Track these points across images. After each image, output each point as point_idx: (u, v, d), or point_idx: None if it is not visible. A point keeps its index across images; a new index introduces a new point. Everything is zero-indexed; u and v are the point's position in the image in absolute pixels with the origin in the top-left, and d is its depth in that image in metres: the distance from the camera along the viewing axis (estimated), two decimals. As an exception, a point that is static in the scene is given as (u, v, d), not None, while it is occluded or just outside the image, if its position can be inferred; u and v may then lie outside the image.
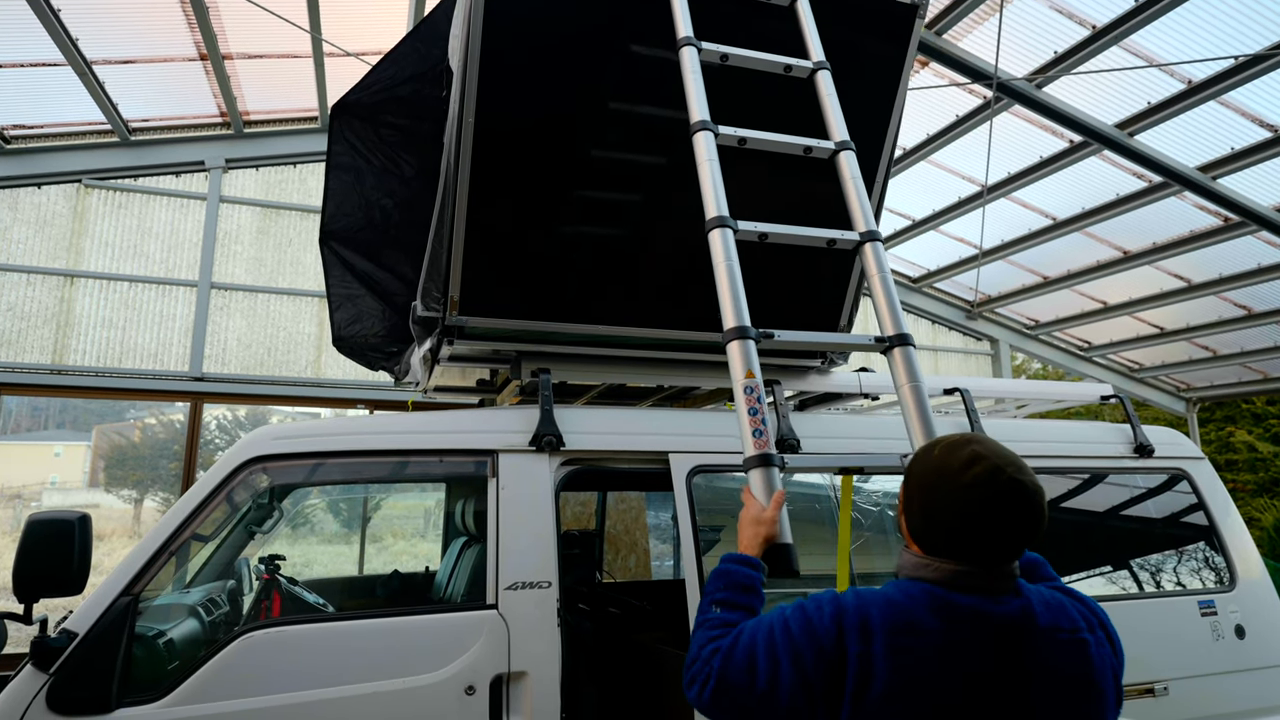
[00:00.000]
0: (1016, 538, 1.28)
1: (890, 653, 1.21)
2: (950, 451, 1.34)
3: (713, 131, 2.12)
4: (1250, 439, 15.32)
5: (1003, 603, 1.29)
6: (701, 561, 2.75)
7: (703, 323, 3.17)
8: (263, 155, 7.35)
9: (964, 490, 1.28)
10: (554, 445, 2.75)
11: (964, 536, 1.29)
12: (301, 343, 7.25)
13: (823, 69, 2.39)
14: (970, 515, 1.28)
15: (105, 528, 8.01)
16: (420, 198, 2.98)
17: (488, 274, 2.74)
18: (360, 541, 7.91)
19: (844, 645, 1.24)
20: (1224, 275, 8.42)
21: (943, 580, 1.30)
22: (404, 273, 3.37)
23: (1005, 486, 1.27)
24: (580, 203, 2.74)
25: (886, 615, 1.25)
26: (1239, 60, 5.48)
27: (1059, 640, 1.29)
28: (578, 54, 2.50)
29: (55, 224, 6.65)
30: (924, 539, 1.35)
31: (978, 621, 1.26)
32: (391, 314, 3.51)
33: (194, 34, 5.91)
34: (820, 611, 1.29)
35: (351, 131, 3.15)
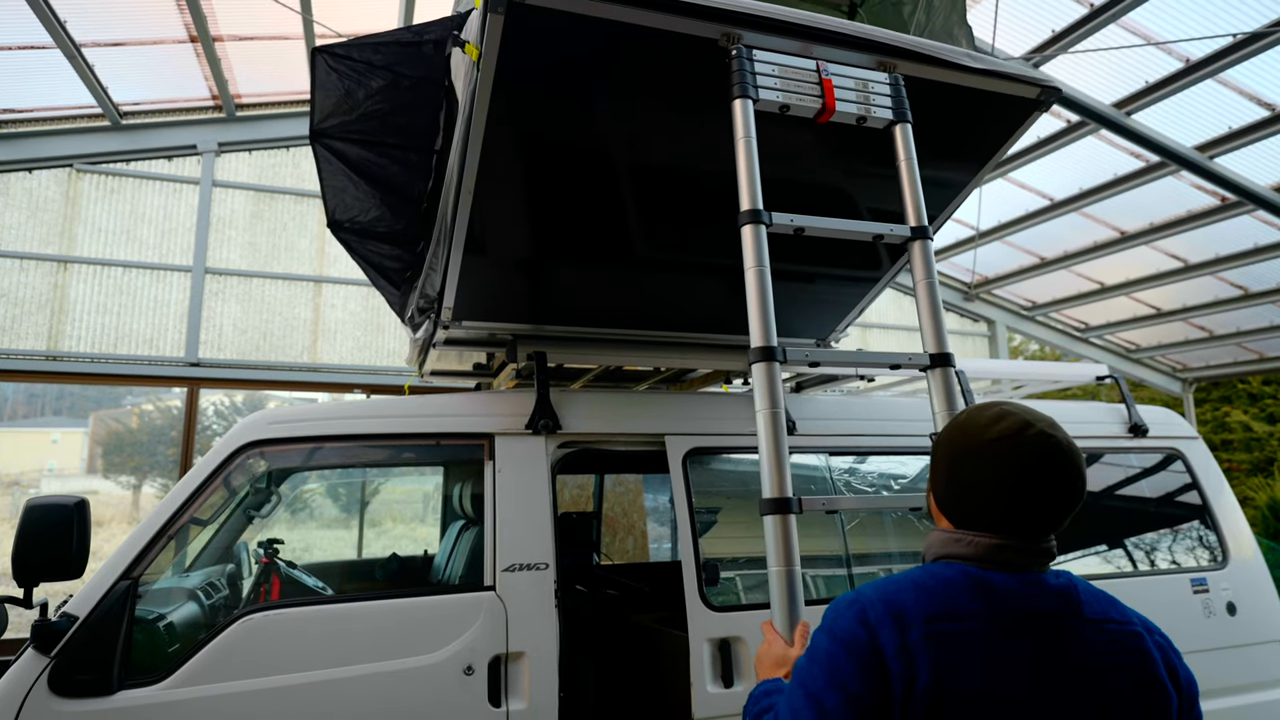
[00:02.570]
0: (1053, 501, 1.16)
1: (930, 643, 1.07)
2: (976, 411, 1.23)
3: (765, 224, 1.87)
4: (1246, 419, 15.39)
5: (1044, 584, 1.16)
6: (698, 543, 2.77)
7: (700, 323, 3.19)
8: (255, 139, 7.29)
9: (989, 447, 1.17)
10: (550, 428, 2.76)
11: (995, 501, 1.17)
12: (297, 327, 7.24)
13: (904, 122, 2.11)
14: (1000, 477, 1.16)
15: (104, 513, 8.04)
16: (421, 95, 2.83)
17: (484, 291, 2.76)
18: (359, 525, 7.95)
19: (878, 643, 1.08)
20: (1221, 255, 8.43)
21: (978, 556, 1.17)
22: (407, 159, 3.20)
23: (1034, 442, 1.16)
24: (580, 233, 2.66)
25: (921, 601, 1.11)
26: (1237, 38, 5.44)
27: (1109, 631, 1.15)
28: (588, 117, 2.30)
29: (47, 209, 6.61)
30: (953, 509, 1.23)
31: (1020, 604, 1.13)
32: (393, 206, 3.29)
33: (184, 15, 5.84)
34: (842, 618, 1.14)
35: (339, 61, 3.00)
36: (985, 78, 2.32)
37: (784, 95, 1.98)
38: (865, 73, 2.11)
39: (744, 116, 1.92)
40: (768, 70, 1.99)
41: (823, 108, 2.00)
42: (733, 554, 3.00)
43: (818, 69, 2.05)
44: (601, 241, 2.65)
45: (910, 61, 2.21)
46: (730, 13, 1.98)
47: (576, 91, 2.13)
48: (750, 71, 1.96)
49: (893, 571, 3.16)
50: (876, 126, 2.10)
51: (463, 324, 2.88)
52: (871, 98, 2.08)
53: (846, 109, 2.02)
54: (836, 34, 2.11)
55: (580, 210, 2.52)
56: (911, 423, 3.27)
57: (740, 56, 1.97)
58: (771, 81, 1.98)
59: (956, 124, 2.50)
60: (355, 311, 7.47)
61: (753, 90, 1.94)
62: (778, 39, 2.06)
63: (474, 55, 1.95)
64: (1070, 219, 8.31)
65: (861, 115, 2.05)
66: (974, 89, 2.34)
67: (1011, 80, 2.36)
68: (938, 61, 2.24)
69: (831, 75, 2.05)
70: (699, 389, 3.86)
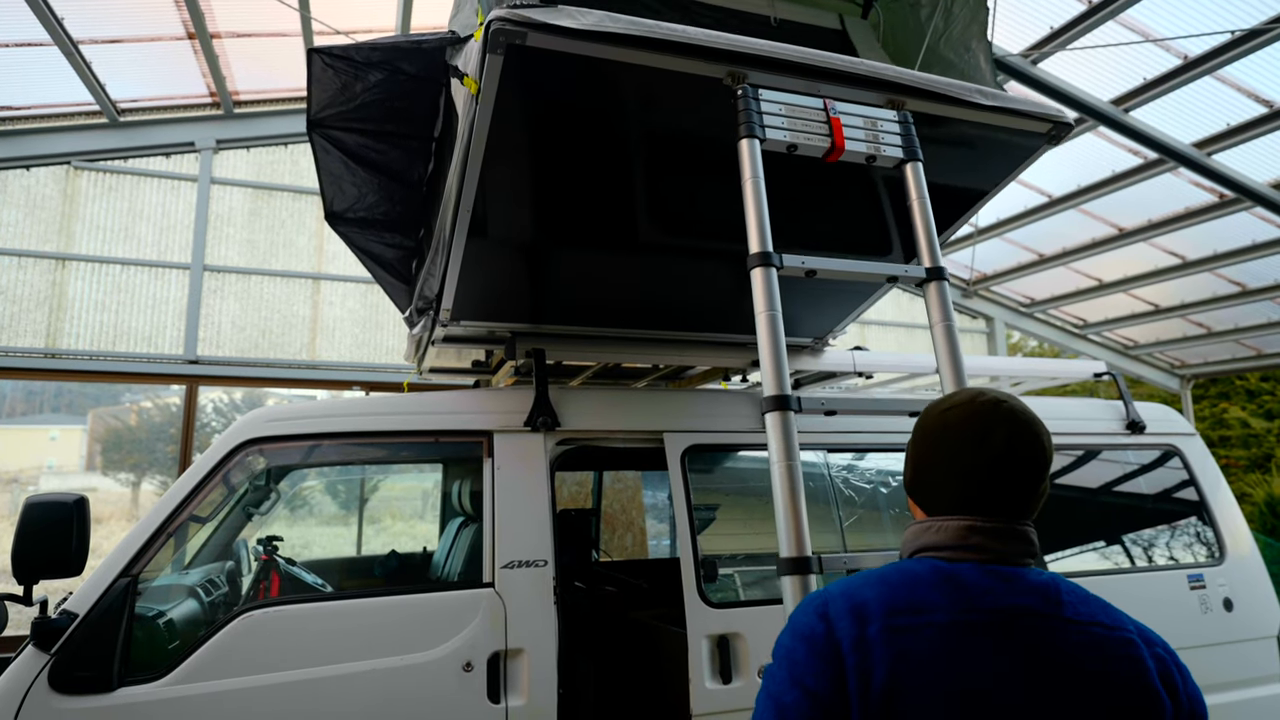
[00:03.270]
0: (1013, 469, 1.10)
1: (888, 635, 1.03)
2: (941, 399, 1.22)
3: (775, 267, 1.82)
4: (1244, 415, 15.42)
5: (1022, 579, 1.09)
6: (697, 540, 2.77)
7: (699, 321, 3.20)
8: (254, 136, 7.28)
9: (942, 419, 1.15)
10: (549, 425, 2.77)
11: (954, 475, 1.13)
12: (296, 325, 7.23)
13: (914, 160, 2.08)
14: (957, 449, 1.13)
15: (103, 510, 8.04)
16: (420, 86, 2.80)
17: (482, 292, 2.77)
18: (358, 522, 7.95)
19: (834, 636, 1.05)
20: (1219, 252, 8.44)
21: (947, 544, 1.12)
22: (407, 145, 3.17)
23: (986, 408, 1.13)
24: (579, 237, 2.65)
25: (883, 595, 1.07)
26: (1235, 35, 5.44)
27: (1095, 635, 1.06)
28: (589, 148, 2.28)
29: (45, 206, 6.60)
30: (919, 493, 1.20)
31: (992, 599, 1.06)
32: (392, 191, 3.22)
33: (181, 12, 5.83)
34: (804, 613, 1.11)
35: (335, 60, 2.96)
36: (996, 114, 2.28)
37: (791, 134, 1.94)
38: (873, 110, 2.08)
39: (751, 157, 1.88)
40: (774, 109, 1.95)
41: (831, 147, 1.96)
42: (731, 550, 3.01)
43: (825, 107, 2.02)
44: (600, 243, 2.65)
45: (919, 99, 2.18)
46: (735, 53, 1.95)
47: (577, 123, 2.11)
48: (756, 111, 1.92)
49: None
50: (886, 166, 2.06)
51: (461, 322, 2.89)
52: (881, 136, 2.04)
53: (856, 147, 1.99)
54: (843, 72, 2.07)
55: (579, 216, 2.51)
56: (909, 418, 3.27)
57: (746, 96, 1.93)
58: (779, 121, 1.94)
59: (963, 153, 2.47)
60: (354, 309, 7.47)
61: (759, 130, 1.90)
62: (784, 78, 2.02)
63: (473, 89, 1.92)
64: (1069, 216, 8.32)
65: (871, 154, 2.02)
66: (984, 122, 2.31)
67: (1023, 116, 2.33)
68: (948, 99, 2.20)
69: (839, 113, 2.02)
70: (698, 386, 3.87)
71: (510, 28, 1.76)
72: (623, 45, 1.87)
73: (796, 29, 2.67)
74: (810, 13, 2.72)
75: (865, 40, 2.76)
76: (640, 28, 1.86)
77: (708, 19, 2.52)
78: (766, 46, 1.99)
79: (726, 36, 1.95)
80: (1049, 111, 2.36)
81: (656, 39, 1.87)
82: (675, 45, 1.90)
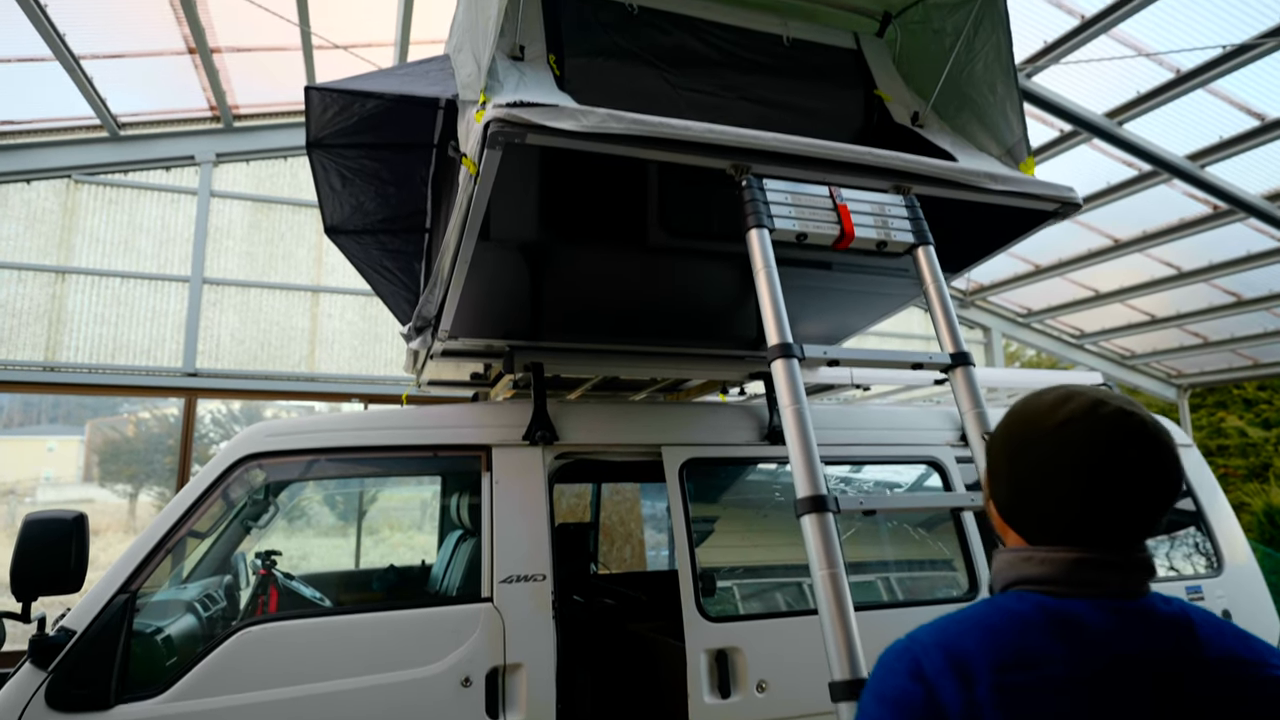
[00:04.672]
0: (1141, 493, 0.92)
1: (1001, 697, 0.85)
2: (1034, 397, 1.02)
3: (796, 358, 1.76)
4: (1241, 424, 15.44)
5: (1148, 615, 0.92)
6: (695, 553, 2.78)
7: (697, 334, 3.22)
8: (253, 149, 7.32)
9: (1056, 434, 0.95)
10: (547, 439, 2.78)
11: (1070, 500, 0.94)
12: (295, 337, 7.24)
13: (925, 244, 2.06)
14: (1074, 468, 0.93)
15: (100, 522, 8.02)
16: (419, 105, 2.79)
17: (481, 312, 2.78)
18: (356, 534, 7.94)
19: (937, 701, 0.87)
20: (1214, 263, 8.47)
21: (1056, 578, 0.94)
22: (407, 155, 3.12)
23: (1111, 421, 0.93)
24: (578, 260, 2.66)
25: (988, 646, 0.89)
26: (1226, 49, 5.49)
27: (1238, 676, 0.89)
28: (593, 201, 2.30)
29: (45, 220, 6.62)
30: (1020, 517, 1.00)
31: (1115, 643, 0.89)
32: (390, 196, 3.23)
33: (182, 27, 5.87)
34: (891, 675, 0.93)
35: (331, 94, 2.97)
36: (1005, 196, 2.27)
37: (800, 223, 1.92)
38: (880, 196, 2.07)
39: (761, 246, 1.85)
40: (780, 198, 1.94)
41: (841, 234, 1.95)
42: (730, 563, 3.01)
43: (831, 195, 2.00)
44: (599, 263, 2.67)
45: (925, 185, 2.16)
46: (737, 148, 1.94)
47: (576, 199, 2.11)
48: (763, 201, 1.91)
49: (890, 580, 3.18)
50: (897, 251, 2.04)
51: (460, 338, 2.91)
52: (890, 221, 2.03)
53: (865, 234, 1.97)
54: (846, 162, 2.06)
55: (578, 245, 2.54)
56: (908, 431, 3.29)
57: (751, 186, 1.93)
58: (786, 210, 1.93)
59: (967, 218, 2.45)
60: (353, 321, 7.49)
61: (768, 220, 1.88)
62: (788, 168, 2.01)
63: (471, 170, 1.90)
64: (1064, 226, 8.36)
65: (882, 240, 1.98)
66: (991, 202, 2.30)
67: (1031, 198, 2.32)
68: (956, 184, 2.19)
69: (846, 200, 2.00)
70: (696, 397, 3.88)
71: (509, 129, 1.73)
72: (624, 144, 1.85)
73: (810, 48, 2.66)
74: (824, 32, 2.70)
75: (880, 61, 2.74)
76: (642, 127, 1.83)
77: (721, 39, 2.53)
78: (769, 140, 1.96)
79: (729, 131, 1.92)
80: (1058, 193, 2.35)
81: (659, 138, 1.85)
82: (676, 142, 1.87)
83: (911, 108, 2.65)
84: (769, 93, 2.55)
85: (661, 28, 2.46)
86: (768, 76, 2.57)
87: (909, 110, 2.64)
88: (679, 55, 2.46)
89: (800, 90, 2.61)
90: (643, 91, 2.39)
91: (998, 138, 2.53)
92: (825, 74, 2.66)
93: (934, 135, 2.54)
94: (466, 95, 2.04)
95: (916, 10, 2.67)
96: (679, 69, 2.45)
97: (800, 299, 2.99)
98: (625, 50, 2.39)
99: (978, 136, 2.59)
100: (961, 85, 2.60)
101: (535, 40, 2.18)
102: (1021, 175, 2.36)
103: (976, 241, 2.68)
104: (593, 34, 2.36)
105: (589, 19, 2.36)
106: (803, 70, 2.63)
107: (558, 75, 2.15)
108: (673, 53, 2.45)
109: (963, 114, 2.63)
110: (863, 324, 3.37)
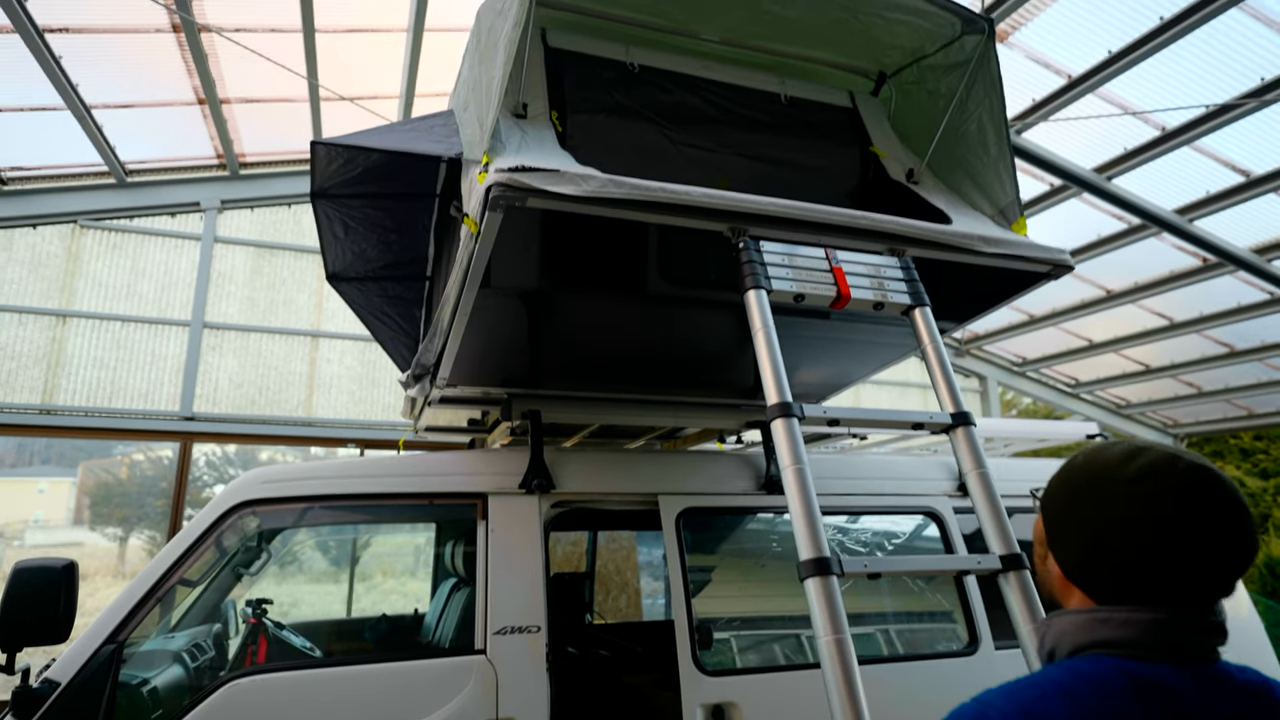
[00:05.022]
0: (1224, 553, 0.89)
1: None
2: (1097, 452, 0.99)
3: (796, 417, 1.76)
4: (1239, 474, 15.39)
5: (1227, 682, 0.88)
6: (691, 605, 2.75)
7: (694, 383, 3.24)
8: (258, 196, 7.43)
9: (1131, 489, 0.92)
10: (544, 488, 2.77)
11: (1149, 558, 0.90)
12: (293, 382, 7.25)
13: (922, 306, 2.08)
14: (1153, 523, 0.90)
15: (89, 566, 7.90)
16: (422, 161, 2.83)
17: (480, 362, 2.81)
18: (349, 580, 7.83)
19: None
20: (1205, 314, 8.56)
21: (1136, 641, 0.89)
22: (410, 204, 3.15)
23: (1188, 477, 0.91)
24: (577, 317, 2.69)
25: (1074, 714, 0.84)
26: (1209, 109, 5.65)
27: None
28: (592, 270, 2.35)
29: (49, 264, 6.68)
30: (1091, 576, 0.95)
31: (1204, 710, 0.85)
32: (391, 243, 3.26)
33: (193, 79, 6.02)
34: None
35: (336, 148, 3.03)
36: (999, 259, 2.32)
37: (797, 284, 1.95)
38: (876, 258, 2.11)
39: (760, 308, 1.87)
40: (777, 260, 1.98)
41: (838, 296, 1.98)
42: (727, 614, 2.98)
43: (827, 256, 2.04)
44: (597, 313, 2.70)
45: (920, 248, 2.20)
46: (733, 212, 1.98)
47: (577, 251, 2.15)
48: (760, 262, 1.95)
49: (889, 632, 3.13)
50: (894, 312, 2.07)
51: (458, 386, 2.92)
52: (886, 283, 2.06)
53: (861, 295, 2.01)
54: (841, 226, 2.10)
55: (577, 298, 2.57)
56: (906, 481, 3.28)
57: (748, 249, 1.97)
58: (783, 271, 1.96)
59: (963, 281, 2.49)
60: (351, 365, 7.50)
61: (765, 281, 1.91)
62: (783, 230, 2.06)
63: (473, 229, 1.94)
64: (1057, 277, 8.46)
65: (878, 301, 2.01)
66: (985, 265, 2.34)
67: (1025, 260, 2.36)
68: (950, 247, 2.23)
69: (842, 263, 2.04)
70: (693, 445, 3.88)
71: (511, 193, 1.77)
72: (624, 208, 1.89)
73: (806, 106, 2.73)
74: (820, 90, 2.77)
75: (875, 119, 2.81)
76: (642, 191, 1.87)
77: (719, 97, 2.59)
78: (766, 205, 2.01)
79: (726, 196, 1.97)
80: (1050, 255, 2.39)
81: (658, 202, 1.90)
82: (673, 206, 1.92)
83: (907, 165, 2.71)
84: (767, 149, 2.61)
85: (661, 85, 2.53)
86: (765, 133, 2.63)
87: (904, 167, 2.70)
88: (679, 112, 2.52)
89: (797, 147, 2.67)
90: (643, 147, 2.44)
91: (991, 198, 2.57)
92: (822, 131, 2.72)
93: (929, 193, 2.59)
94: (470, 154, 2.08)
95: (911, 71, 2.74)
96: (679, 125, 2.51)
97: (800, 348, 3.01)
98: (626, 107, 2.45)
99: (971, 195, 2.63)
100: (956, 145, 2.65)
101: (538, 97, 2.24)
102: (1014, 237, 2.39)
103: (972, 298, 2.71)
104: (594, 91, 2.43)
105: (591, 77, 2.43)
106: (799, 127, 2.69)
107: (559, 131, 2.20)
108: (672, 109, 2.52)
109: (957, 173, 2.67)
110: (863, 373, 3.39)
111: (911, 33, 2.53)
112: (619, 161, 2.34)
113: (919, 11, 2.42)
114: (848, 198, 2.69)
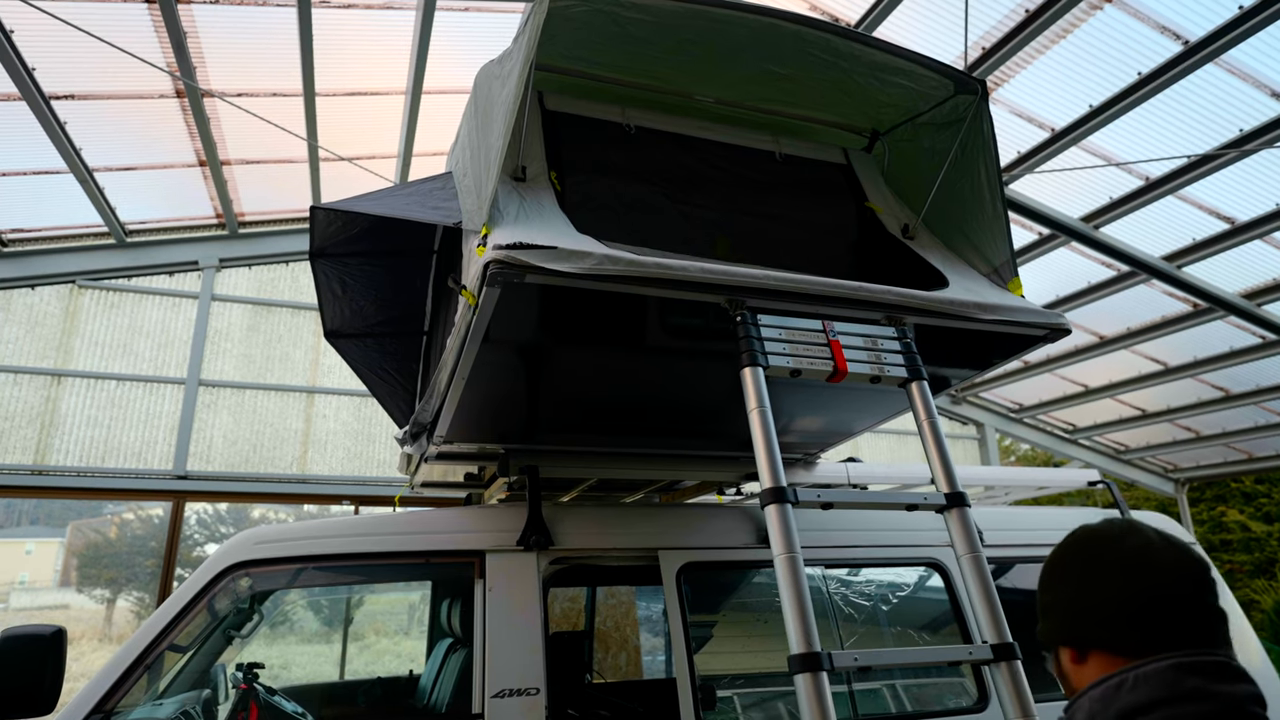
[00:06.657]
0: (1210, 607, 1.00)
1: None
2: (1096, 526, 1.10)
3: (790, 503, 1.77)
4: (1242, 518, 15.28)
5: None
6: (694, 663, 2.69)
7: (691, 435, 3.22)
8: (256, 254, 7.50)
9: (1133, 557, 1.02)
10: (542, 544, 2.73)
11: (1162, 602, 0.98)
12: (288, 439, 7.20)
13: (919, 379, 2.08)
14: (1152, 581, 0.99)
15: (74, 630, 7.71)
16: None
17: (477, 418, 2.80)
18: (342, 640, 7.64)
19: None
20: (1199, 358, 8.61)
21: (1161, 698, 0.92)
22: (406, 262, 3.18)
23: (1174, 556, 1.02)
24: (575, 373, 2.69)
25: None
26: (1191, 159, 5.79)
27: None
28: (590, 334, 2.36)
29: (46, 324, 6.69)
30: (1111, 633, 1.00)
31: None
32: (389, 300, 3.26)
33: (195, 142, 6.14)
34: None
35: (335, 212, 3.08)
36: (995, 324, 2.33)
37: (794, 360, 1.96)
38: (873, 329, 2.12)
39: (755, 385, 1.88)
40: (774, 334, 2.00)
41: (834, 370, 1.99)
42: (730, 671, 2.91)
43: (824, 328, 2.06)
44: (596, 365, 2.70)
45: (917, 316, 2.21)
46: (732, 286, 2.00)
47: (575, 312, 2.17)
48: (757, 337, 1.96)
49: (896, 687, 3.06)
50: (891, 386, 2.08)
51: (455, 442, 2.90)
52: (883, 355, 2.07)
53: (858, 369, 2.02)
54: (839, 297, 2.12)
55: (575, 353, 2.58)
56: (909, 532, 3.25)
57: (746, 322, 1.98)
58: (780, 346, 1.98)
59: (959, 343, 2.51)
60: (347, 421, 7.47)
61: (762, 358, 1.92)
62: (780, 302, 2.08)
63: (471, 301, 1.96)
64: (1050, 324, 8.52)
65: (875, 375, 2.02)
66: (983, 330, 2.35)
67: (1022, 325, 2.38)
68: (948, 315, 2.25)
69: (839, 335, 2.05)
70: (691, 498, 3.84)
71: (508, 270, 1.79)
72: (621, 284, 1.91)
73: (801, 163, 2.76)
74: (814, 148, 2.81)
75: (870, 175, 2.84)
76: (639, 268, 1.89)
77: (715, 156, 2.64)
78: (763, 279, 2.03)
79: (724, 271, 1.99)
80: (1047, 319, 2.40)
81: (655, 278, 1.92)
82: (672, 281, 1.93)
83: (902, 220, 2.74)
84: (763, 206, 2.65)
85: (658, 145, 2.58)
86: (761, 191, 2.67)
87: (900, 222, 2.73)
88: (675, 171, 2.57)
89: (793, 204, 2.70)
90: (641, 205, 2.48)
91: (986, 256, 2.59)
92: (817, 188, 2.77)
93: (924, 250, 2.61)
94: (469, 224, 2.10)
95: (904, 129, 2.80)
96: (675, 185, 2.55)
97: (802, 398, 3.01)
98: (623, 168, 2.50)
99: (966, 253, 2.65)
100: (950, 202, 2.67)
101: (536, 159, 2.28)
102: (1011, 301, 2.39)
103: (970, 359, 2.72)
104: (592, 152, 2.47)
105: (588, 138, 2.48)
106: (795, 184, 2.73)
107: (558, 191, 2.24)
108: (669, 169, 2.56)
109: (952, 230, 2.70)
110: (864, 424, 3.37)
111: (905, 94, 2.59)
112: (617, 221, 2.37)
113: (913, 74, 2.47)
114: (844, 253, 2.72)
